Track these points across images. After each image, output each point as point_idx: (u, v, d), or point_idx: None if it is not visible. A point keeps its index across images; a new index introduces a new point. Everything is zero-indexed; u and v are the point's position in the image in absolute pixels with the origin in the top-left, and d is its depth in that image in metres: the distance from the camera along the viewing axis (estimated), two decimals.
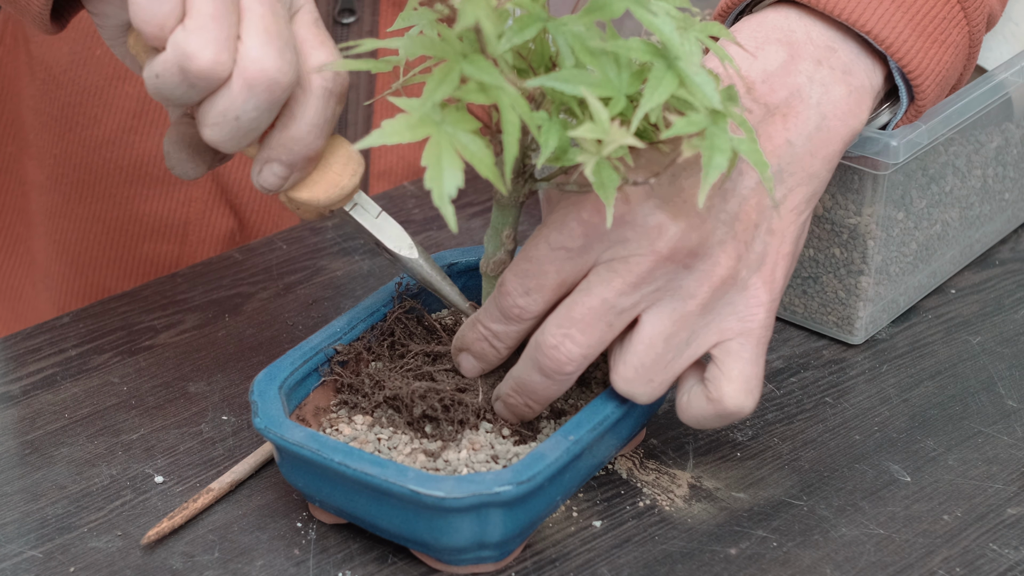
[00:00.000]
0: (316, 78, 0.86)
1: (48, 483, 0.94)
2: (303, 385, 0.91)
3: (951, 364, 1.03)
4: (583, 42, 0.81)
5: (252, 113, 0.84)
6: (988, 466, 0.95)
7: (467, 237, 1.15)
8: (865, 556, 0.89)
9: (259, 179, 0.88)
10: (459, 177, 0.78)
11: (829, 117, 0.90)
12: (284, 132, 0.87)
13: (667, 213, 0.84)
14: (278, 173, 0.88)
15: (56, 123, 1.22)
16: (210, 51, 0.83)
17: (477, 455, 0.88)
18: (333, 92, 0.87)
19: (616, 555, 0.89)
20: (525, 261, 0.86)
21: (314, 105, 0.87)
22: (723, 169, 0.80)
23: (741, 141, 0.81)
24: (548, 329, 0.86)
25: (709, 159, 0.80)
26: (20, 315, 1.30)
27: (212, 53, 0.83)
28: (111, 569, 0.88)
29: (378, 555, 0.89)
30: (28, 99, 1.24)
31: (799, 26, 0.92)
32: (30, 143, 1.25)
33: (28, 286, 1.29)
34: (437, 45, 0.80)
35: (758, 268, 0.87)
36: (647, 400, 0.87)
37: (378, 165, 1.25)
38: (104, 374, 1.02)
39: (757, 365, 0.87)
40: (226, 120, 0.84)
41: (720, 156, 0.80)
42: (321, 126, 0.87)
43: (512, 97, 0.79)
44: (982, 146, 1.06)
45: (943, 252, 1.08)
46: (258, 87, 0.84)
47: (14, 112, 1.26)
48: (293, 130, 0.87)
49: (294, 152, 0.87)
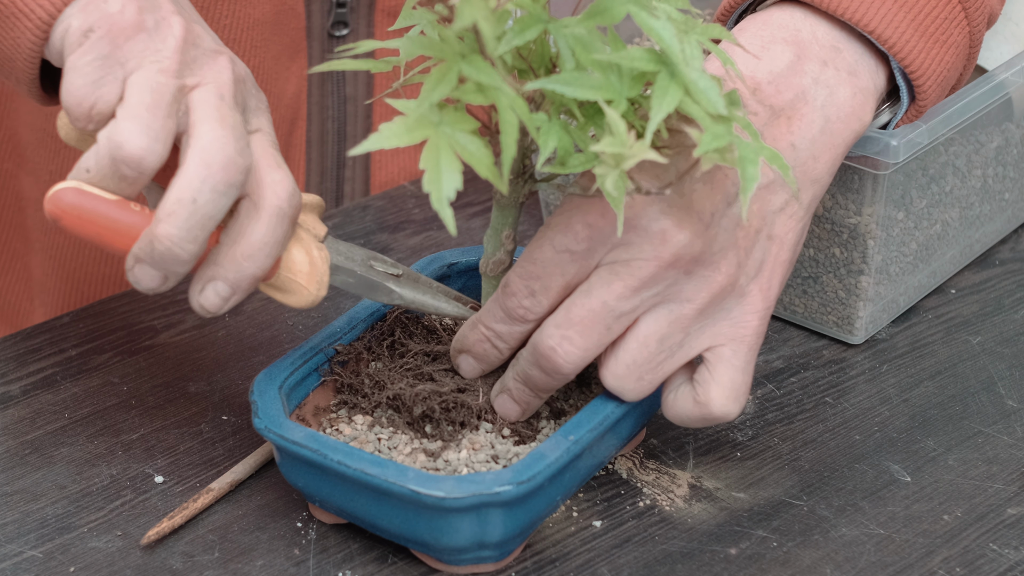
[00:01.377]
0: (271, 197, 0.85)
1: (48, 483, 0.94)
2: (303, 385, 0.91)
3: (951, 364, 1.03)
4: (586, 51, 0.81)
5: (209, 195, 0.82)
6: (988, 466, 0.95)
7: (467, 237, 1.15)
8: (865, 556, 0.89)
9: (200, 299, 0.86)
10: (458, 180, 0.78)
11: (833, 120, 0.90)
12: (233, 248, 0.85)
13: (672, 219, 0.84)
14: (221, 292, 0.85)
15: (53, 139, 1.21)
16: (142, 140, 0.82)
17: (477, 455, 0.88)
18: (286, 213, 0.85)
19: (616, 555, 0.89)
20: (530, 263, 0.86)
21: (266, 223, 0.84)
22: (758, 179, 0.81)
23: (763, 147, 0.82)
24: (547, 330, 0.86)
25: (744, 171, 0.81)
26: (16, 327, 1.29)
27: (144, 141, 0.82)
28: (111, 569, 0.88)
29: (378, 555, 0.89)
30: (25, 115, 1.23)
31: (804, 25, 0.92)
32: (27, 159, 1.24)
33: (25, 301, 1.29)
34: (436, 45, 0.80)
35: (756, 276, 0.87)
36: (634, 398, 0.87)
37: (379, 176, 1.25)
38: (104, 374, 1.02)
39: (746, 373, 0.88)
40: (182, 205, 0.82)
41: (752, 167, 0.81)
42: (271, 245, 0.85)
43: (510, 98, 0.79)
44: (982, 146, 1.06)
45: (943, 252, 1.08)
46: (214, 165, 0.82)
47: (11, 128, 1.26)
48: (243, 246, 0.84)
49: (241, 270, 0.85)
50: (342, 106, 1.22)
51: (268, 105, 0.90)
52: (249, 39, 1.17)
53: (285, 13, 1.18)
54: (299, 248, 0.88)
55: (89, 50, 0.85)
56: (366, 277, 0.91)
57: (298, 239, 0.88)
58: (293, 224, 0.86)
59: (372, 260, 0.92)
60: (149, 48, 0.85)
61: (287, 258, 0.87)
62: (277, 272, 0.87)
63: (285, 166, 0.87)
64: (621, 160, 0.79)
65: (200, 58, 0.86)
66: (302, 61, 1.20)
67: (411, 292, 0.91)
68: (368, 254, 0.92)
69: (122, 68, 0.85)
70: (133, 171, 0.83)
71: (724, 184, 0.86)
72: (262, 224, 0.84)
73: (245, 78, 0.88)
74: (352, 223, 1.17)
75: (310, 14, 1.19)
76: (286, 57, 1.19)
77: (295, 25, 1.19)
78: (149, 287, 0.85)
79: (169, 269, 0.84)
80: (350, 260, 0.91)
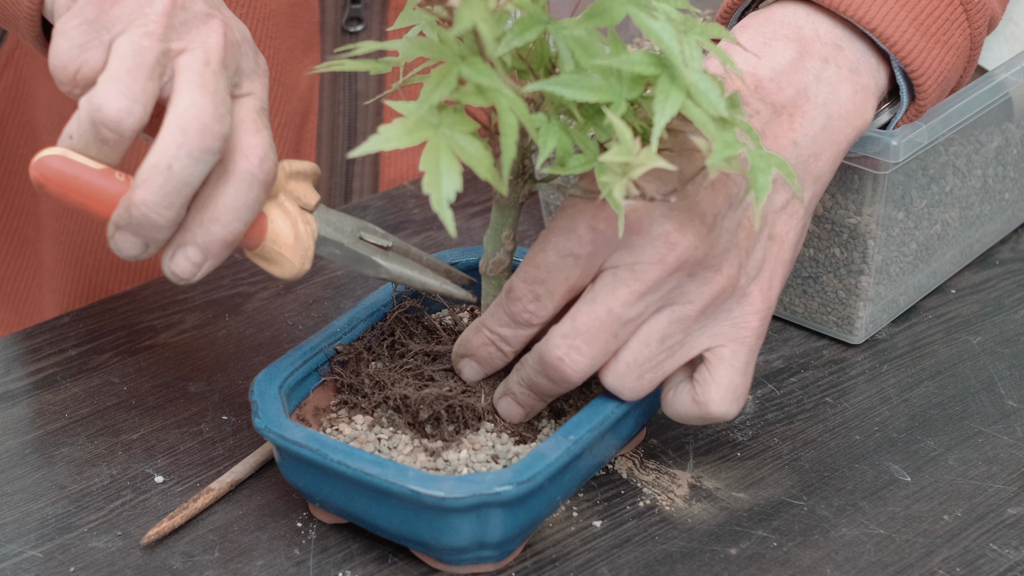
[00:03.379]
0: (241, 161, 0.84)
1: (48, 483, 0.94)
2: (303, 385, 0.91)
3: (951, 364, 1.03)
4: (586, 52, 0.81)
5: (185, 161, 0.82)
6: (988, 466, 0.95)
7: (467, 237, 1.15)
8: (865, 556, 0.89)
9: (171, 264, 0.85)
10: (457, 181, 0.78)
11: (835, 117, 0.90)
12: (202, 212, 0.84)
13: (675, 223, 0.84)
14: (192, 258, 0.85)
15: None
16: (120, 102, 0.82)
17: (477, 455, 0.88)
18: (257, 177, 0.85)
19: (616, 555, 0.89)
20: (533, 267, 0.86)
21: (235, 187, 0.84)
22: (769, 188, 0.81)
23: (771, 155, 0.82)
24: (553, 340, 0.86)
25: (755, 181, 0.81)
26: (25, 317, 1.30)
27: (123, 103, 0.82)
28: (111, 569, 0.88)
29: (378, 555, 0.89)
30: (43, 100, 1.24)
31: (807, 22, 0.92)
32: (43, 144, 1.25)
33: (35, 288, 1.29)
34: (435, 47, 0.80)
35: (756, 276, 0.87)
36: (632, 397, 0.87)
37: (388, 172, 1.25)
38: (104, 374, 1.02)
39: (746, 374, 0.88)
40: (157, 171, 0.82)
41: (763, 176, 0.81)
42: (240, 209, 0.84)
43: (510, 99, 0.78)
44: (982, 146, 1.06)
45: (943, 252, 1.08)
46: (191, 131, 0.82)
47: (28, 114, 1.26)
48: (211, 210, 0.84)
49: (211, 234, 0.84)
50: (353, 102, 1.22)
51: (267, 68, 0.89)
52: (264, 29, 1.17)
53: (300, 6, 1.18)
54: (284, 219, 0.88)
55: (76, 14, 0.85)
56: (352, 250, 0.91)
57: (284, 210, 0.88)
58: (266, 188, 0.85)
59: (362, 231, 0.92)
60: (136, 12, 0.85)
61: (272, 228, 0.87)
62: (262, 242, 0.87)
63: (266, 131, 0.86)
64: (628, 169, 0.79)
65: (190, 22, 0.86)
66: (315, 56, 1.20)
67: (398, 266, 0.91)
68: (359, 224, 0.92)
69: (108, 32, 0.85)
70: (113, 134, 0.83)
71: (726, 186, 0.86)
72: (231, 187, 0.84)
73: (240, 41, 0.87)
74: None
75: (324, 8, 1.19)
76: (300, 51, 1.19)
77: (309, 19, 1.19)
78: (130, 254, 0.85)
79: (148, 235, 0.84)
80: (339, 232, 0.91)
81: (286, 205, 0.88)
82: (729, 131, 0.80)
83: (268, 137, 0.86)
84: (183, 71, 0.84)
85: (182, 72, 0.84)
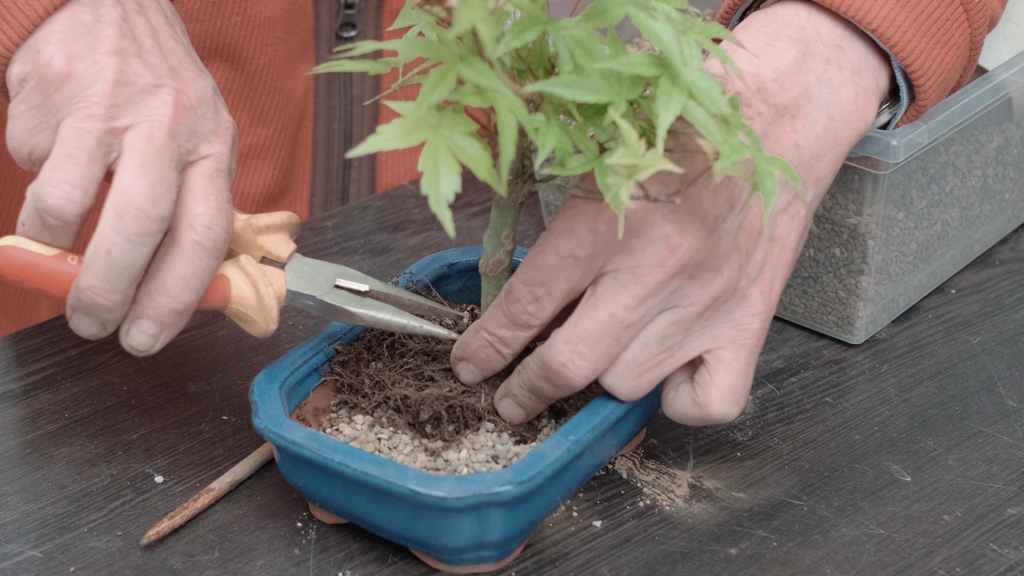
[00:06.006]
0: (187, 231, 0.85)
1: (48, 483, 0.94)
2: (303, 385, 0.91)
3: (951, 364, 1.03)
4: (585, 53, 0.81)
5: (124, 246, 0.83)
6: (988, 466, 0.95)
7: (467, 237, 1.15)
8: (865, 556, 0.89)
9: (127, 338, 0.87)
10: (456, 182, 0.77)
11: (836, 119, 0.90)
12: (150, 284, 0.86)
13: (675, 225, 0.84)
14: (146, 330, 0.87)
15: None
16: (61, 189, 0.84)
17: (477, 455, 0.88)
18: (203, 246, 0.86)
19: (616, 555, 0.89)
20: (533, 269, 0.86)
21: (181, 257, 0.85)
22: (776, 193, 0.81)
23: (775, 158, 0.82)
24: (556, 346, 0.86)
25: (763, 186, 0.81)
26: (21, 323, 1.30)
27: (63, 190, 0.84)
28: (111, 569, 0.88)
29: (378, 555, 0.89)
30: None
31: (809, 23, 0.92)
32: None
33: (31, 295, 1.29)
34: (434, 47, 0.80)
35: (757, 278, 0.87)
36: (630, 397, 0.87)
37: (385, 177, 1.25)
38: (104, 374, 1.02)
39: (747, 376, 0.88)
40: (98, 256, 0.84)
41: (770, 181, 0.81)
42: (188, 279, 0.86)
43: (509, 100, 0.78)
44: (982, 146, 1.06)
45: (943, 252, 1.08)
46: (126, 216, 0.83)
47: None
48: (160, 282, 0.86)
49: (160, 306, 0.86)
50: (349, 107, 1.22)
51: (232, 125, 0.90)
52: (260, 36, 1.17)
53: (295, 12, 1.18)
54: (246, 282, 0.89)
55: (24, 99, 0.88)
56: (324, 302, 0.91)
57: (246, 273, 0.89)
58: (215, 255, 0.86)
59: (340, 277, 0.92)
60: (78, 96, 0.87)
61: (236, 292, 0.89)
62: (228, 304, 0.89)
63: (218, 195, 0.87)
64: (634, 171, 0.79)
65: (135, 96, 0.87)
66: (310, 62, 1.20)
67: (374, 312, 0.91)
68: (336, 270, 0.92)
69: (54, 116, 0.87)
70: (57, 220, 0.85)
71: (728, 188, 0.85)
72: (177, 258, 0.86)
73: (196, 104, 0.88)
74: (352, 223, 1.17)
75: (318, 15, 1.19)
76: (295, 57, 1.19)
77: (304, 25, 1.19)
78: (89, 333, 0.87)
79: (100, 317, 0.86)
80: (312, 283, 0.92)
81: (248, 268, 0.89)
82: (732, 134, 0.80)
83: (218, 202, 0.87)
84: (126, 150, 0.85)
85: (125, 151, 0.85)
